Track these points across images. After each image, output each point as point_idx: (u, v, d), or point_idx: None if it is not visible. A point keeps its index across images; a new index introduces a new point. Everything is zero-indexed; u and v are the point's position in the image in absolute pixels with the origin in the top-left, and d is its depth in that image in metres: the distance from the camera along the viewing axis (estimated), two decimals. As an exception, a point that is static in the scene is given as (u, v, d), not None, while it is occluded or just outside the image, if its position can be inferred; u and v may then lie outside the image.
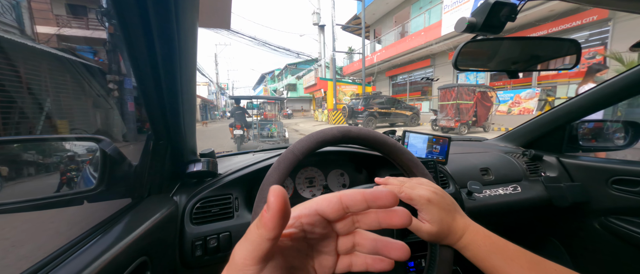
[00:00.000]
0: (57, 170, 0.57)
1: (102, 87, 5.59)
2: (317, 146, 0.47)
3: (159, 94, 0.52)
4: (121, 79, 5.40)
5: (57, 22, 8.80)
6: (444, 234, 0.39)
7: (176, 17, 0.43)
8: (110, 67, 5.42)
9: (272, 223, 0.17)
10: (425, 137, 0.94)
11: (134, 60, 0.46)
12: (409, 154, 0.50)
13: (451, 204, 0.41)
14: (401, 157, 0.50)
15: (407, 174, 0.52)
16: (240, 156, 1.00)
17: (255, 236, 0.19)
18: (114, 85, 5.31)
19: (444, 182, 0.88)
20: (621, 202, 0.90)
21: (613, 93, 0.90)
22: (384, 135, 0.51)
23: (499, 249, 0.38)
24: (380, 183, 0.45)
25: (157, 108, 0.54)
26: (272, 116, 9.04)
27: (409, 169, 0.51)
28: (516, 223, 1.16)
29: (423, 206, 0.40)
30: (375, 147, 0.50)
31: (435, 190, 0.41)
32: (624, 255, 0.92)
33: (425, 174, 0.49)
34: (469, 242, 0.39)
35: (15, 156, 0.54)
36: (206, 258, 0.60)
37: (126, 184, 0.58)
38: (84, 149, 0.59)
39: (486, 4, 0.52)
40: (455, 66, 0.67)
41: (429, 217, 0.39)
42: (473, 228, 0.40)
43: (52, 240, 1.48)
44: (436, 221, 0.39)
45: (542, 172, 1.06)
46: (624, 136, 1.11)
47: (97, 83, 6.08)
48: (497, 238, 0.39)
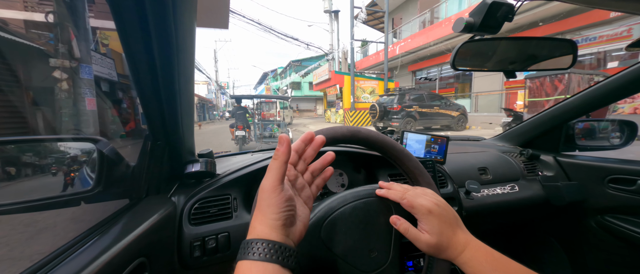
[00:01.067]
0: (53, 171, 0.57)
1: (48, 77, 3.80)
2: (326, 141, 0.47)
3: (156, 94, 0.52)
4: (75, 66, 3.84)
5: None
6: (443, 247, 0.38)
7: (174, 16, 0.43)
8: (57, 49, 3.74)
9: (284, 154, 0.32)
10: (423, 137, 0.95)
11: (131, 60, 0.46)
12: (416, 162, 0.50)
13: (453, 218, 0.41)
14: (407, 164, 0.49)
15: (411, 181, 0.52)
16: (239, 156, 0.99)
17: (274, 166, 0.32)
18: (63, 74, 3.79)
19: (442, 182, 0.88)
20: (617, 201, 0.91)
21: (609, 92, 0.91)
22: (392, 139, 0.50)
23: (501, 267, 0.37)
24: (384, 187, 0.45)
25: (155, 108, 0.54)
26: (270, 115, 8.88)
27: (414, 177, 0.50)
28: (514, 222, 1.17)
29: (423, 216, 0.39)
30: (383, 150, 0.49)
31: (437, 202, 0.41)
32: (620, 253, 0.93)
33: (430, 185, 0.49)
34: (470, 258, 0.38)
35: (9, 156, 0.54)
36: (205, 258, 0.60)
37: (124, 185, 0.58)
38: (80, 149, 0.58)
39: (483, 4, 0.52)
40: (452, 66, 0.68)
41: (429, 228, 0.39)
42: (474, 244, 0.39)
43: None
44: (436, 232, 0.38)
45: (540, 171, 1.07)
46: (619, 135, 1.12)
47: (36, 70, 4.34)
48: (499, 255, 0.38)
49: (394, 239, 0.41)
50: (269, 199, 0.31)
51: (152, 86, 0.50)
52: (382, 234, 0.40)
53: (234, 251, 0.62)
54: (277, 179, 0.32)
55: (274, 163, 0.32)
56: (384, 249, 0.40)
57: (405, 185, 0.45)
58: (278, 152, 0.33)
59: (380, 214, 0.42)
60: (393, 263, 0.40)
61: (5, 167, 0.53)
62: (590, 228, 0.99)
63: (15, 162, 0.54)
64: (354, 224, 0.41)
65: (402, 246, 0.41)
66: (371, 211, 0.43)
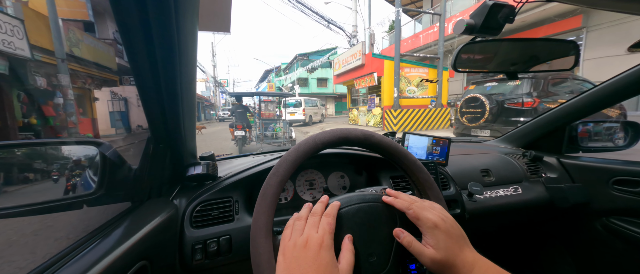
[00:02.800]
0: (56, 174, 0.57)
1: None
2: (338, 141, 0.46)
3: (158, 97, 0.52)
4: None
5: None
6: (449, 264, 0.36)
7: (176, 20, 0.43)
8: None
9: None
10: (425, 138, 0.94)
11: (134, 63, 0.46)
12: (427, 174, 0.49)
13: (460, 235, 0.39)
14: (418, 175, 0.49)
15: (419, 192, 0.51)
16: (241, 158, 0.99)
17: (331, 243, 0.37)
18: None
19: (444, 184, 0.87)
20: (622, 203, 0.90)
21: (612, 93, 0.90)
22: (405, 149, 0.49)
23: None
24: (391, 195, 0.44)
25: (157, 111, 0.54)
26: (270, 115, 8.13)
27: (423, 190, 0.49)
28: (517, 224, 1.16)
29: (429, 230, 0.38)
30: (394, 158, 0.49)
31: (444, 217, 0.40)
32: (626, 256, 0.91)
33: (439, 200, 0.48)
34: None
35: (12, 160, 0.54)
36: (206, 261, 0.59)
37: (126, 188, 0.58)
38: (83, 153, 0.58)
39: (484, 6, 0.52)
40: (454, 67, 0.68)
41: (434, 242, 0.37)
42: (483, 263, 0.37)
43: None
44: (442, 248, 0.37)
45: (543, 173, 1.06)
46: (624, 137, 1.11)
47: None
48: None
49: (394, 247, 0.40)
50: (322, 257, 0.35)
51: (154, 89, 0.51)
52: (384, 241, 0.40)
53: (236, 254, 0.62)
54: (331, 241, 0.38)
55: (330, 238, 0.38)
56: (383, 255, 0.40)
57: (413, 197, 0.44)
58: (330, 226, 0.39)
59: (384, 221, 0.42)
60: (391, 271, 0.39)
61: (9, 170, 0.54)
62: (596, 230, 0.98)
63: (18, 166, 0.55)
64: (356, 226, 0.41)
65: (403, 255, 0.41)
66: (375, 215, 0.42)
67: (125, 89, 7.37)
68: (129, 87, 6.93)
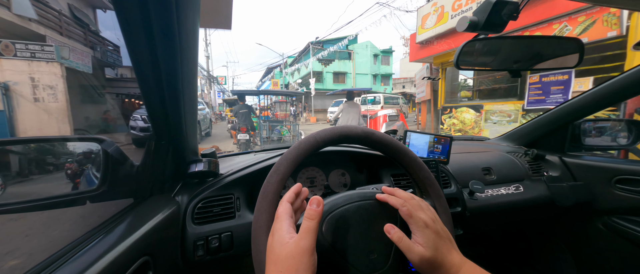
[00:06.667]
0: (59, 170, 0.57)
1: None
2: (339, 139, 0.46)
3: (160, 94, 0.52)
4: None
5: None
6: (437, 263, 0.37)
7: (177, 17, 0.43)
8: None
9: (320, 214, 0.35)
10: (426, 136, 0.94)
11: (135, 60, 0.46)
12: (427, 172, 0.49)
13: (448, 238, 0.40)
14: (418, 173, 0.49)
15: (420, 190, 0.51)
16: (242, 156, 1.00)
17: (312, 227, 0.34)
18: None
19: (445, 182, 0.87)
20: (625, 202, 0.89)
21: (615, 92, 0.89)
22: (406, 146, 0.50)
23: None
24: (387, 192, 0.44)
25: (159, 108, 0.55)
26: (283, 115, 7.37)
27: (423, 187, 0.50)
28: (518, 223, 1.16)
29: (419, 229, 0.39)
30: (394, 156, 0.49)
31: (435, 219, 0.41)
32: (628, 256, 0.91)
33: (440, 197, 0.48)
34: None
35: (16, 156, 0.55)
36: (208, 258, 0.60)
37: (128, 184, 0.58)
38: (86, 149, 0.59)
39: (487, 3, 0.52)
40: (456, 65, 0.67)
41: (423, 241, 0.38)
42: (469, 266, 0.38)
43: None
44: (431, 247, 0.37)
45: (545, 171, 1.06)
46: (627, 135, 1.10)
47: None
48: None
49: (395, 245, 0.41)
50: (305, 263, 0.32)
51: (156, 86, 0.51)
52: (385, 238, 0.40)
53: (237, 250, 0.62)
54: (314, 241, 0.33)
55: (312, 224, 0.33)
56: (384, 253, 0.40)
57: (409, 194, 0.44)
58: (315, 212, 0.35)
59: (384, 218, 0.42)
60: (392, 268, 0.40)
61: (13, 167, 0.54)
62: (597, 229, 0.98)
63: (21, 162, 0.55)
64: (356, 224, 0.41)
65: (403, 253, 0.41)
66: (376, 213, 0.42)
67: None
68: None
